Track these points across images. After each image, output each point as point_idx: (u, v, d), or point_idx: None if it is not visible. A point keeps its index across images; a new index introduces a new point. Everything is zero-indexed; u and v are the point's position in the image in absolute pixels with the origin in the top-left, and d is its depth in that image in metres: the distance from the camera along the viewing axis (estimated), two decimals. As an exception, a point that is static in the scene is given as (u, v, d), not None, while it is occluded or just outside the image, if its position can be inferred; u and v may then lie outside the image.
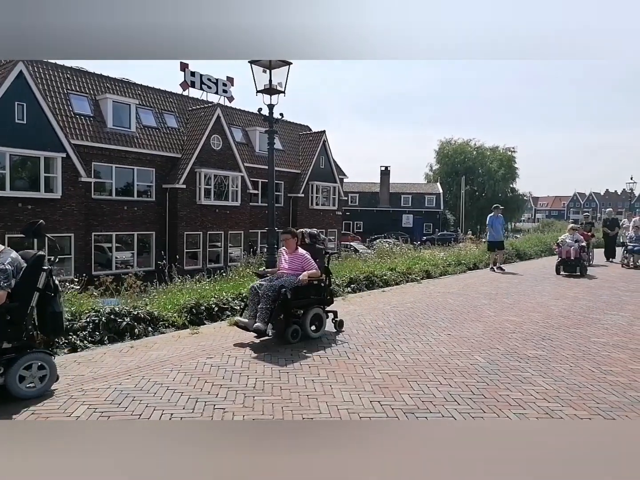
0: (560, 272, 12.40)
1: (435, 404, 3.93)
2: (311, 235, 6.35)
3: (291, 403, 3.94)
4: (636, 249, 14.28)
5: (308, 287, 5.83)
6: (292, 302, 5.61)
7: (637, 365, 5.00)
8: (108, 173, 21.45)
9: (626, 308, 8.04)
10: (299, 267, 5.85)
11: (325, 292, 6.12)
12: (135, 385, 4.31)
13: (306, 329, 5.76)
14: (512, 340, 5.95)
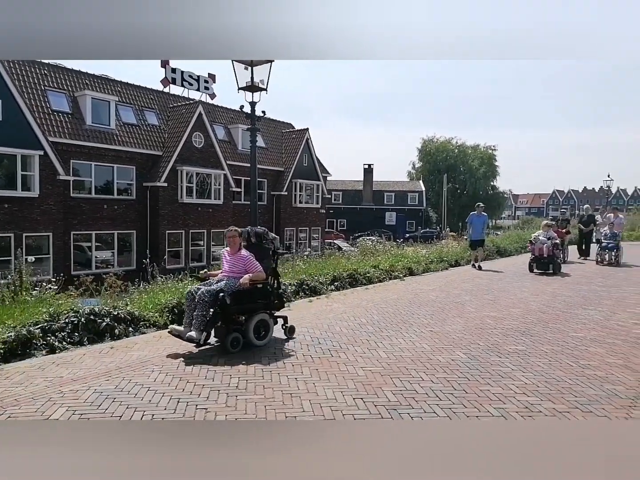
0: (534, 269, 12.20)
1: (418, 400, 3.97)
2: (257, 235, 5.88)
3: (274, 402, 3.93)
4: (610, 245, 14.08)
5: (251, 291, 5.38)
6: (232, 307, 5.19)
7: (613, 359, 5.11)
8: (87, 171, 21.08)
9: (603, 303, 8.22)
10: (241, 270, 5.42)
11: (272, 296, 5.66)
12: (115, 386, 4.25)
13: (249, 336, 5.35)
14: (492, 335, 6.03)
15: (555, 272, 11.93)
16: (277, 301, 5.78)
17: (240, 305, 5.34)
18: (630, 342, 5.78)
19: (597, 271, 12.80)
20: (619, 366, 4.86)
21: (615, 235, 14.14)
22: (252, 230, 5.91)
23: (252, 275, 5.35)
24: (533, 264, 12.30)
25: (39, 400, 3.91)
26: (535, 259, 12.26)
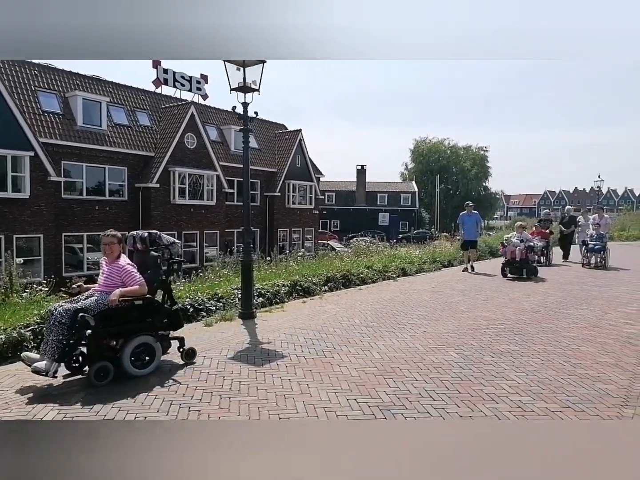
0: (507, 274, 11.33)
1: (411, 400, 3.97)
2: (143, 240, 4.94)
3: (267, 403, 3.92)
4: (596, 247, 13.30)
5: (129, 309, 4.46)
6: (99, 330, 4.24)
7: (605, 358, 5.15)
8: (78, 172, 20.91)
9: (595, 303, 8.29)
10: (117, 283, 4.51)
11: (160, 314, 4.74)
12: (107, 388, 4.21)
13: (125, 364, 4.37)
14: (485, 335, 6.05)
15: (529, 276, 11.15)
16: (168, 320, 4.82)
17: (111, 327, 4.38)
18: (621, 341, 5.82)
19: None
20: (611, 365, 4.90)
21: (602, 236, 13.46)
22: (138, 235, 4.99)
23: (125, 290, 4.41)
24: (506, 268, 11.44)
25: (30, 403, 3.87)
26: (508, 262, 11.45)
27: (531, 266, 11.40)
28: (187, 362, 4.88)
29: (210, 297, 7.49)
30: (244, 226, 7.05)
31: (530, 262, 11.46)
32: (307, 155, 32.53)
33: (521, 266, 11.25)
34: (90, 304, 4.30)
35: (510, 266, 11.36)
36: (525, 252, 11.30)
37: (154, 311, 4.69)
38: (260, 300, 7.80)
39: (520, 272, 11.24)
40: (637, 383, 4.39)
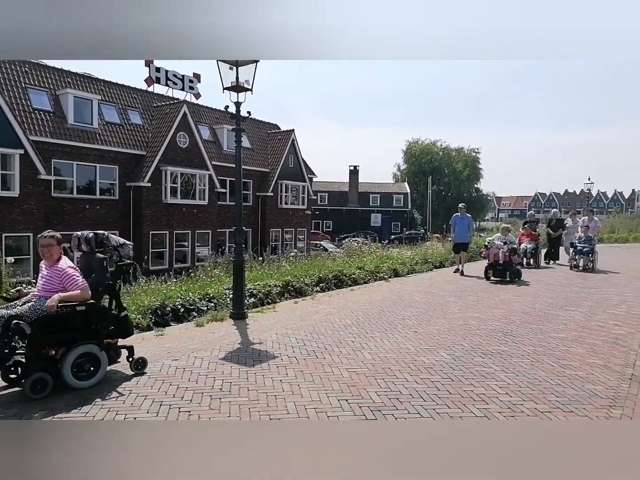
0: (490, 277, 11.05)
1: (402, 401, 3.98)
2: (88, 241, 4.60)
3: (258, 404, 3.91)
4: (585, 250, 13.03)
5: (69, 315, 4.13)
6: (36, 338, 3.94)
7: (594, 359, 5.20)
8: (69, 170, 20.73)
9: (584, 305, 8.37)
10: (57, 287, 4.21)
11: (107, 321, 4.41)
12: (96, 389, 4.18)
13: (65, 375, 4.06)
14: (476, 336, 6.08)
15: (512, 279, 10.83)
16: (115, 328, 4.50)
17: (50, 335, 4.06)
18: (610, 342, 5.88)
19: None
20: (599, 366, 4.95)
21: (590, 239, 13.24)
22: (83, 236, 4.63)
23: (65, 295, 4.10)
24: (489, 270, 11.14)
25: (17, 405, 3.82)
26: (491, 265, 11.15)
27: (515, 269, 11.09)
28: (136, 373, 4.54)
29: (201, 297, 7.47)
30: (236, 226, 7.03)
31: (514, 264, 11.13)
32: (300, 155, 32.51)
33: (504, 269, 10.92)
34: (26, 310, 3.99)
35: (494, 269, 11.07)
36: (509, 255, 10.96)
37: (99, 318, 4.35)
38: (251, 301, 7.78)
39: (503, 274, 10.93)
40: (625, 384, 4.44)
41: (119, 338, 4.62)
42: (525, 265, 13.38)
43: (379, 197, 57.31)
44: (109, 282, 4.52)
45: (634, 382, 4.48)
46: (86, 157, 21.11)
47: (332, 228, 53.96)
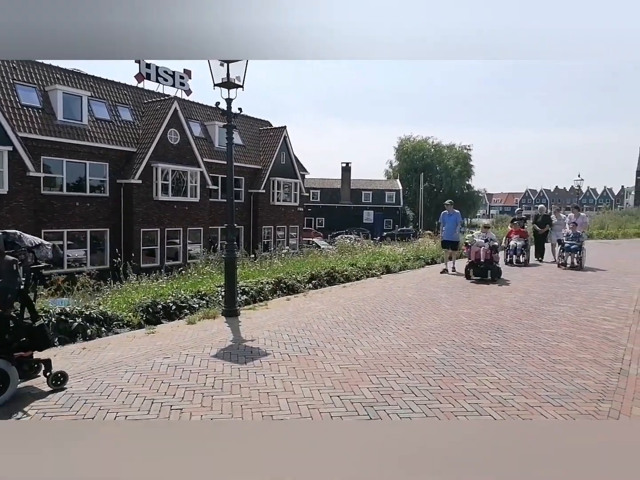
0: (471, 276, 10.65)
1: (394, 397, 4.00)
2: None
3: (250, 401, 3.91)
4: (573, 247, 12.74)
5: None
6: None
7: (583, 354, 5.25)
8: (58, 167, 20.52)
9: (574, 299, 8.44)
10: None
11: (17, 332, 3.95)
12: (87, 387, 4.15)
13: None
14: (467, 332, 6.12)
15: (493, 278, 10.39)
16: (29, 339, 4.03)
17: None
18: (599, 337, 5.94)
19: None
20: (589, 361, 5.00)
21: (578, 235, 12.90)
22: None
23: None
24: (470, 269, 10.69)
25: (8, 404, 3.79)
26: (472, 264, 10.67)
27: (496, 267, 10.63)
28: (55, 388, 4.07)
29: (193, 294, 7.44)
30: (227, 223, 7.01)
31: (495, 263, 10.65)
32: (292, 152, 32.43)
33: (486, 267, 10.45)
34: None
35: (475, 267, 10.60)
36: (490, 253, 10.56)
37: (7, 328, 3.87)
38: (244, 298, 7.76)
39: (484, 273, 10.45)
40: (614, 378, 4.49)
41: (34, 350, 4.13)
42: (515, 263, 13.23)
43: (371, 194, 57.38)
44: (20, 287, 4.01)
45: (623, 377, 4.54)
46: (76, 154, 20.89)
47: (325, 225, 53.96)
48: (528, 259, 13.64)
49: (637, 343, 5.69)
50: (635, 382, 4.41)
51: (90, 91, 22.30)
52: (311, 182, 52.41)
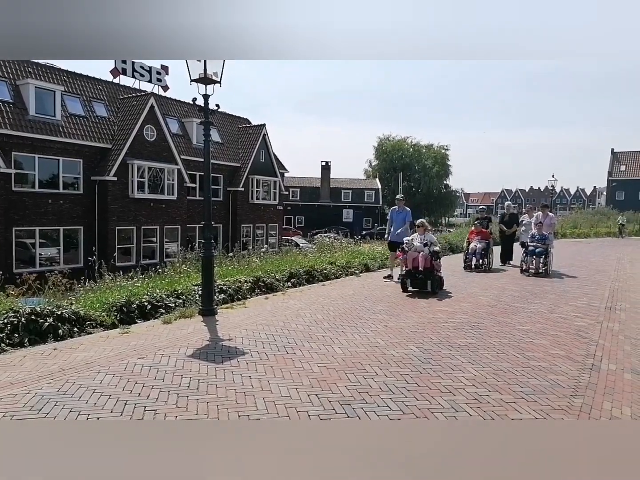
0: (408, 287, 8.84)
1: (371, 394, 4.00)
2: None
3: (227, 401, 3.85)
4: (537, 250, 11.25)
5: None
6: None
7: (557, 350, 5.35)
8: (30, 164, 19.95)
9: (547, 297, 8.59)
10: None
11: None
12: (58, 389, 4.04)
13: None
14: (444, 329, 6.17)
15: (434, 290, 8.72)
16: None
17: None
18: (572, 334, 6.07)
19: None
20: (562, 357, 5.10)
21: (544, 237, 11.49)
22: None
23: None
24: (406, 280, 8.87)
25: (-29, 407, 3.66)
26: (409, 273, 8.88)
27: (437, 277, 8.96)
28: None
29: (169, 293, 7.32)
30: (204, 221, 6.91)
31: (436, 271, 8.92)
32: (272, 150, 32.27)
33: (425, 277, 8.73)
34: None
35: (412, 277, 8.82)
36: (431, 260, 8.81)
37: None
38: (221, 297, 7.67)
39: (424, 284, 8.75)
40: (586, 374, 4.58)
41: None
42: (474, 268, 11.86)
43: (350, 193, 57.55)
44: None
45: (594, 372, 4.64)
46: (49, 150, 20.36)
47: (304, 224, 53.89)
48: (489, 263, 12.16)
49: (608, 340, 5.83)
50: (606, 377, 4.52)
51: (63, 86, 21.76)
52: (291, 180, 52.30)
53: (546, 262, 11.32)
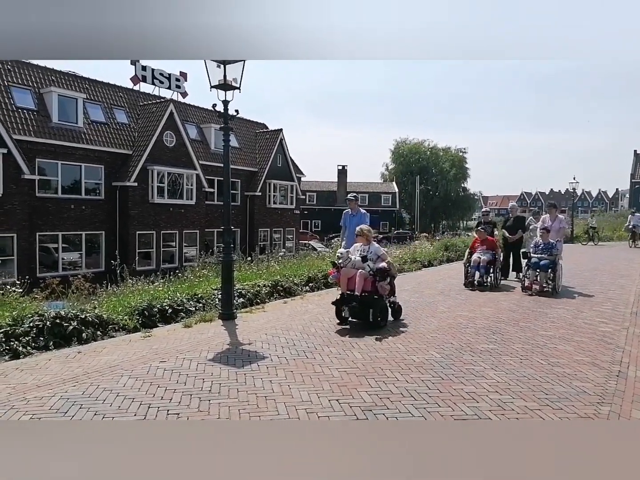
0: (344, 315, 6.49)
1: (393, 400, 3.97)
2: None
3: (248, 405, 3.87)
4: (542, 263, 9.03)
5: None
6: None
7: (581, 356, 5.24)
8: (53, 170, 20.41)
9: (571, 302, 8.43)
10: None
11: None
12: (82, 392, 4.10)
13: None
14: (465, 334, 6.10)
15: (376, 321, 6.31)
16: None
17: None
18: (596, 339, 5.94)
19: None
20: (587, 363, 4.99)
21: (551, 246, 9.28)
22: None
23: None
24: (343, 307, 6.47)
25: (1, 409, 3.74)
26: (343, 298, 6.50)
27: (382, 303, 6.50)
28: None
29: (189, 297, 7.39)
30: (224, 226, 6.97)
31: (380, 296, 6.45)
32: (288, 154, 32.43)
33: (367, 303, 6.34)
34: None
35: (347, 303, 6.43)
36: (373, 281, 6.43)
37: None
38: (240, 301, 7.72)
39: (363, 313, 6.37)
40: (613, 381, 4.48)
41: None
42: (477, 285, 9.56)
43: (367, 197, 57.44)
44: None
45: (621, 379, 4.53)
46: (71, 157, 20.80)
47: (321, 228, 53.96)
48: (496, 279, 9.88)
49: (634, 346, 5.69)
50: (634, 384, 4.41)
51: (85, 93, 22.23)
52: (307, 184, 52.42)
53: (554, 278, 9.08)
